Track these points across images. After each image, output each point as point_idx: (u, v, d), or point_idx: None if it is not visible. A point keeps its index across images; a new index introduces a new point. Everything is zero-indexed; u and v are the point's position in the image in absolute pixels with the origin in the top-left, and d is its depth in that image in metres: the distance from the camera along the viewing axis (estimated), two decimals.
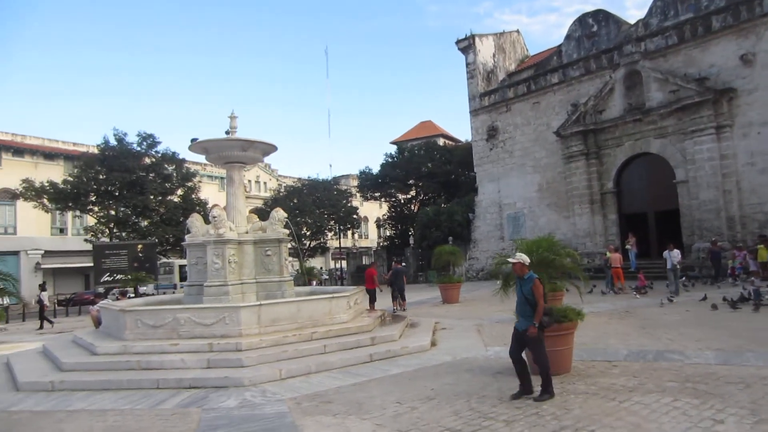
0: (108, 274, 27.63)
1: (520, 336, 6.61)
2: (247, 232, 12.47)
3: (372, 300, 16.63)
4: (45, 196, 30.87)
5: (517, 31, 39.22)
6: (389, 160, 42.45)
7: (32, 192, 30.58)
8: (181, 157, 34.90)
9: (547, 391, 6.38)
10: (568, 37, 30.65)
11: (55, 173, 36.25)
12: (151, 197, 31.86)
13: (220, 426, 6.08)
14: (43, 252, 39.42)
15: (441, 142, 48.88)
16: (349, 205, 44.96)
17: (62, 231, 41.86)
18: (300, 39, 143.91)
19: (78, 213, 36.00)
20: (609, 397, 6.33)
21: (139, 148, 33.06)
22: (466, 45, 34.37)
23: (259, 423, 6.11)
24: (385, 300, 17.97)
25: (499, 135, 32.49)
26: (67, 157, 40.70)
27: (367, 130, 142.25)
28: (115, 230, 32.23)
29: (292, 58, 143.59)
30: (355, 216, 45.98)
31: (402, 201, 44.26)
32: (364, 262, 48.62)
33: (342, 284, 37.75)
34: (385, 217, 46.86)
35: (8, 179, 35.63)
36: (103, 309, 12.99)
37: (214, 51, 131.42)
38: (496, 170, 32.60)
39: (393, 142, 53.15)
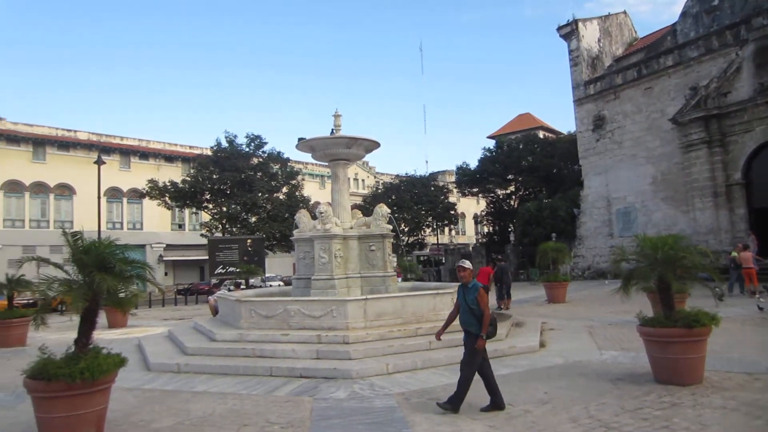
0: (221, 266, 29.69)
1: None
2: (351, 228, 12.71)
3: None
4: (167, 195, 33.80)
5: (624, 13, 36.73)
6: (487, 154, 41.52)
7: (156, 191, 33.63)
8: (285, 156, 36.59)
9: (451, 402, 6.05)
10: (683, 14, 28.19)
11: (175, 174, 39.59)
12: (259, 195, 33.73)
13: (332, 416, 6.18)
14: (165, 245, 43.35)
15: (541, 134, 47.02)
16: (446, 201, 44.66)
17: (180, 227, 45.67)
18: (395, 33, 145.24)
19: (194, 210, 39.03)
20: (753, 414, 5.62)
21: (247, 149, 35.15)
22: (569, 31, 32.73)
23: (369, 416, 6.13)
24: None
25: (607, 124, 30.61)
26: (185, 159, 44.35)
27: (464, 125, 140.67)
28: (227, 226, 34.52)
29: (387, 53, 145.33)
30: (452, 212, 45.60)
31: (501, 196, 43.16)
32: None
33: (440, 280, 37.54)
34: (484, 213, 45.97)
35: (135, 180, 39.50)
36: (220, 299, 13.90)
37: (311, 49, 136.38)
38: (604, 162, 30.75)
39: (490, 137, 52.04)
